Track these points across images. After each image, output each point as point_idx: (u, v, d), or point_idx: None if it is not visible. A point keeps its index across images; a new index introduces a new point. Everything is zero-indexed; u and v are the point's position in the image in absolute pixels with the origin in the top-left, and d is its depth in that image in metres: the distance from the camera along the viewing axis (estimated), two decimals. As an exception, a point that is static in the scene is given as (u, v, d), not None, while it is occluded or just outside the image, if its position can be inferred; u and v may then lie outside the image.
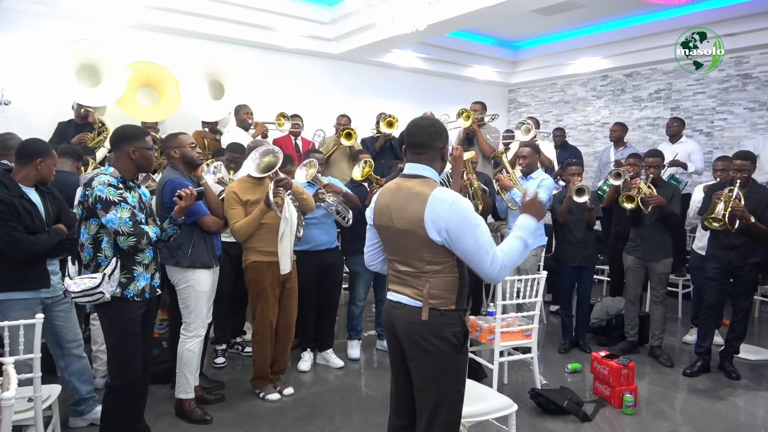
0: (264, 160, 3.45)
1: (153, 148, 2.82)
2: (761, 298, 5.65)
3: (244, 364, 4.26)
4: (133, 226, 2.59)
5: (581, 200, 4.35)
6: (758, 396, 3.82)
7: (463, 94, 8.36)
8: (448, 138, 2.15)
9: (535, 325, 3.73)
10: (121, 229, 2.55)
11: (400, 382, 2.20)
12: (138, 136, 2.74)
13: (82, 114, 5.02)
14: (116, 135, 2.77)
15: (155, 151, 4.81)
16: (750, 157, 3.99)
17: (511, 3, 5.11)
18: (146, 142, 2.75)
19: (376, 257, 2.30)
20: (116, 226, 2.54)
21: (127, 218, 2.56)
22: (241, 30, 6.24)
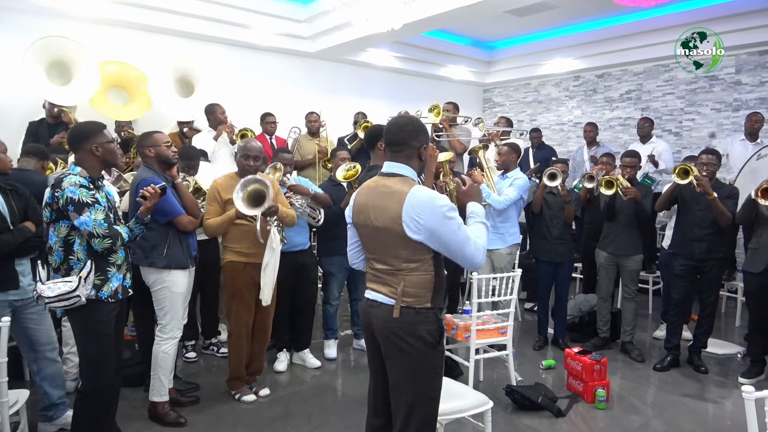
0: (248, 189, 3.32)
1: (115, 140, 2.76)
2: (727, 294, 5.81)
3: (220, 365, 4.21)
4: (109, 228, 2.53)
5: (553, 184, 4.40)
6: (726, 389, 3.93)
7: (439, 94, 8.38)
8: (427, 137, 2.16)
9: (510, 322, 3.78)
10: (97, 231, 2.49)
11: (378, 381, 2.20)
12: (96, 132, 2.64)
13: (54, 113, 4.86)
14: (74, 134, 2.69)
15: (132, 149, 4.81)
16: (716, 153, 4.19)
17: (485, 3, 5.16)
18: (106, 136, 2.67)
19: (358, 255, 2.31)
20: (91, 228, 2.48)
21: (102, 220, 2.51)
22: (216, 27, 6.16)
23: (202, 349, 4.49)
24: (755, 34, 6.24)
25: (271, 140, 5.82)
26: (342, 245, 2.49)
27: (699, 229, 4.12)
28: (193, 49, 6.13)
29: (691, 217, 4.18)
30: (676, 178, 4.05)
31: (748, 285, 4.13)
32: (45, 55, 4.86)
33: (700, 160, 4.16)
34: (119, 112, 5.36)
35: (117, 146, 2.82)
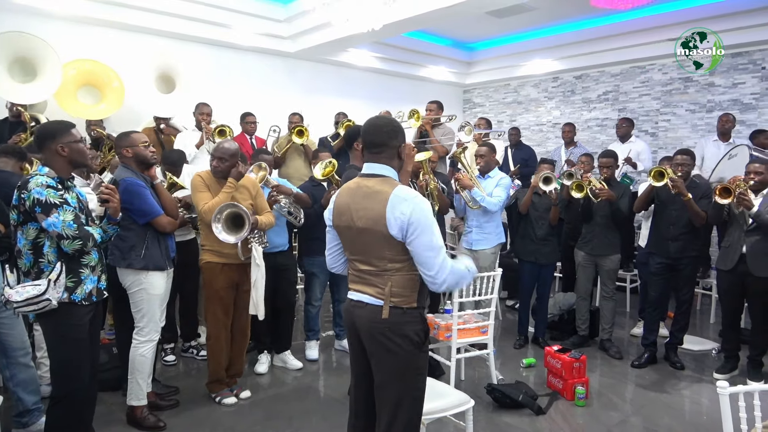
0: (224, 215, 3.30)
1: (82, 139, 2.69)
2: (702, 291, 5.92)
3: (199, 368, 4.17)
4: (78, 229, 2.48)
5: (548, 188, 4.44)
6: (702, 385, 4.01)
7: (419, 94, 8.43)
8: (404, 137, 2.16)
9: (491, 321, 3.80)
10: (65, 233, 2.44)
11: (360, 382, 2.20)
12: (62, 131, 2.58)
13: (14, 112, 4.71)
14: (39, 135, 2.62)
15: (104, 148, 4.73)
16: (690, 153, 4.29)
17: (465, 4, 5.18)
18: (73, 135, 2.60)
19: (337, 259, 2.30)
20: (59, 229, 2.43)
21: (71, 221, 2.45)
22: (195, 27, 6.09)
23: (182, 351, 4.44)
24: (728, 36, 6.37)
25: (251, 140, 5.77)
26: (323, 245, 2.48)
27: (675, 229, 4.20)
28: (173, 48, 6.05)
29: (667, 217, 4.26)
30: (652, 181, 4.13)
31: (720, 282, 4.22)
32: (8, 52, 4.72)
33: (675, 161, 4.25)
34: (89, 111, 5.26)
35: (87, 146, 2.76)
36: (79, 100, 5.33)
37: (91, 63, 5.43)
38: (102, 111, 5.35)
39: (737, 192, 3.74)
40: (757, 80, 6.53)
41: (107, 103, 5.41)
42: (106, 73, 5.46)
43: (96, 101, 5.45)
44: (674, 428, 3.37)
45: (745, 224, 3.89)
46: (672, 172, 4.08)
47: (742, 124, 6.40)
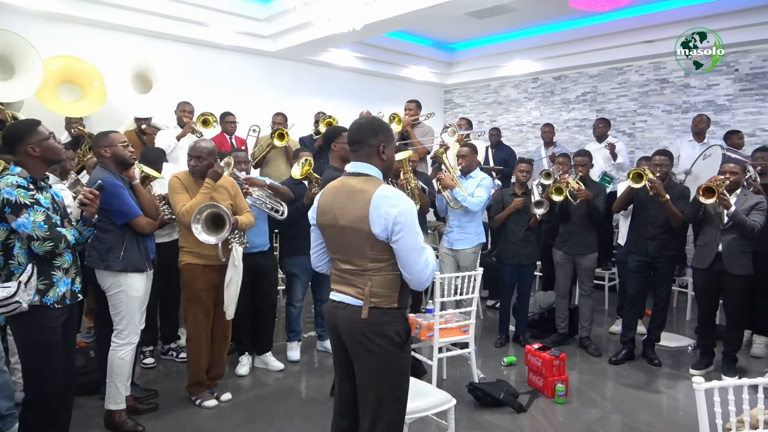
0: (204, 215, 3.26)
1: (52, 134, 2.62)
2: (678, 289, 6.03)
3: (179, 371, 4.12)
4: (49, 230, 2.42)
5: (540, 212, 4.49)
6: (678, 381, 4.08)
7: (400, 94, 8.43)
8: (388, 137, 2.14)
9: (472, 320, 3.83)
10: (36, 234, 2.38)
11: (343, 382, 2.19)
12: (29, 131, 2.52)
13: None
14: (6, 138, 2.54)
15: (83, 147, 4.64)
16: (668, 154, 4.36)
17: (445, 5, 5.20)
18: (41, 134, 2.54)
19: (321, 258, 2.30)
20: (29, 230, 2.38)
21: (41, 221, 2.40)
22: (174, 25, 6.01)
23: (161, 354, 4.38)
24: (703, 39, 6.51)
25: (231, 140, 5.72)
26: (305, 244, 2.48)
27: (653, 228, 4.28)
28: (152, 46, 5.98)
29: (645, 217, 4.33)
30: (631, 182, 4.19)
31: (696, 280, 4.31)
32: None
33: (653, 161, 4.32)
34: (70, 108, 5.16)
35: (59, 142, 2.71)
36: (60, 97, 5.22)
37: (74, 60, 5.32)
38: (83, 108, 5.25)
39: (720, 191, 3.81)
40: (731, 82, 6.68)
41: (88, 101, 5.31)
42: (89, 71, 5.36)
43: (77, 98, 5.33)
44: (652, 424, 3.42)
45: (721, 223, 3.97)
46: (650, 173, 4.15)
47: (716, 124, 6.53)
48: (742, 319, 4.21)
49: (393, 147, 2.19)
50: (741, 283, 3.97)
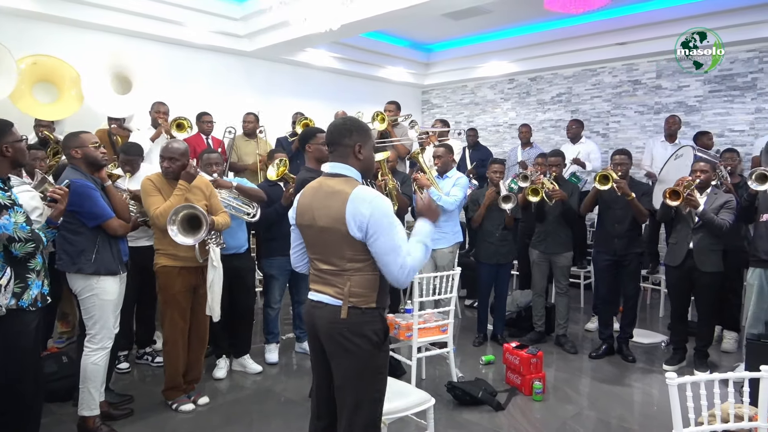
0: (180, 216, 3.22)
1: (24, 137, 2.59)
2: (651, 287, 6.15)
3: (155, 375, 4.06)
4: (31, 231, 2.38)
5: (507, 207, 4.53)
6: (652, 376, 4.16)
7: (378, 95, 8.44)
8: (364, 137, 2.13)
9: (451, 320, 3.85)
10: (18, 235, 2.33)
11: (321, 383, 2.19)
12: (5, 131, 2.48)
13: None
14: None
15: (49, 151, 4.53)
16: (627, 153, 4.48)
17: (422, 6, 5.22)
18: (15, 134, 2.52)
19: (301, 258, 2.29)
20: (11, 232, 2.32)
21: (23, 223, 2.36)
22: (149, 24, 5.92)
23: (136, 358, 4.31)
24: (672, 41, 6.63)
25: (208, 140, 5.65)
26: (282, 246, 2.46)
27: (619, 227, 4.36)
28: (126, 46, 5.87)
29: (611, 216, 4.41)
30: (598, 185, 4.27)
31: (668, 277, 4.40)
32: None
33: (613, 161, 4.43)
34: (45, 111, 5.00)
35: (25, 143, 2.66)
36: (35, 97, 5.06)
37: (53, 60, 5.16)
38: (59, 111, 5.10)
39: (685, 194, 3.90)
40: (701, 83, 6.84)
41: (64, 103, 5.15)
42: (69, 73, 5.20)
43: (53, 100, 5.17)
44: (626, 419, 3.48)
45: (692, 222, 4.07)
46: (615, 174, 4.21)
47: (687, 125, 6.68)
48: (713, 315, 4.31)
49: (370, 147, 2.17)
50: (711, 280, 4.07)
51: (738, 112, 6.57)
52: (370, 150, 2.16)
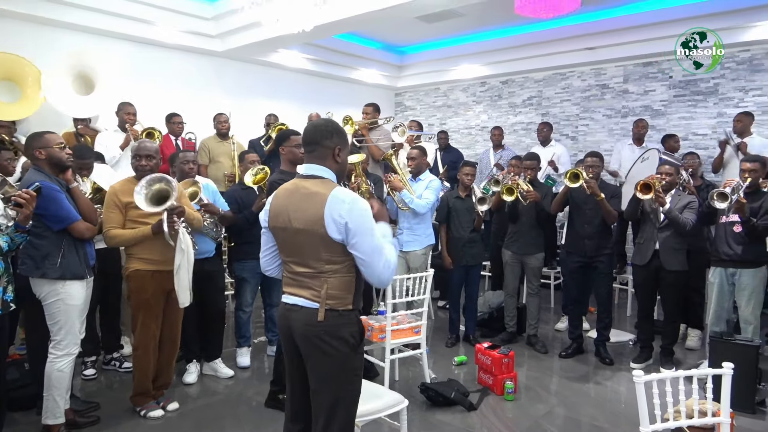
0: (153, 188, 3.17)
1: None
2: (619, 286, 6.28)
3: (123, 381, 3.97)
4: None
5: (483, 208, 4.58)
6: (620, 374, 4.25)
7: (351, 97, 8.44)
8: (344, 140, 2.14)
9: (424, 321, 3.86)
10: None
11: (295, 386, 2.17)
12: None
13: None
14: None
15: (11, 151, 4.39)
16: (599, 155, 4.54)
17: (395, 8, 5.24)
18: None
19: (272, 262, 2.27)
20: None
21: None
22: (116, 22, 5.79)
23: (103, 364, 4.20)
24: (639, 47, 6.82)
25: (177, 142, 5.56)
26: (254, 249, 2.43)
27: (589, 227, 4.44)
28: (92, 44, 5.73)
29: (581, 217, 4.49)
30: (568, 182, 4.33)
31: (636, 277, 4.51)
32: None
33: (585, 163, 4.50)
34: (6, 110, 4.81)
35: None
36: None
37: (15, 57, 4.98)
38: (19, 111, 4.92)
39: (655, 189, 3.99)
40: (666, 88, 7.02)
41: (27, 103, 4.97)
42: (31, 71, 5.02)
43: (15, 99, 4.99)
44: (596, 416, 3.55)
45: (657, 221, 4.17)
46: (585, 174, 4.30)
47: (653, 128, 6.86)
48: (678, 314, 4.43)
49: (347, 151, 2.19)
50: (677, 279, 4.18)
51: (701, 116, 6.77)
52: (346, 154, 2.18)
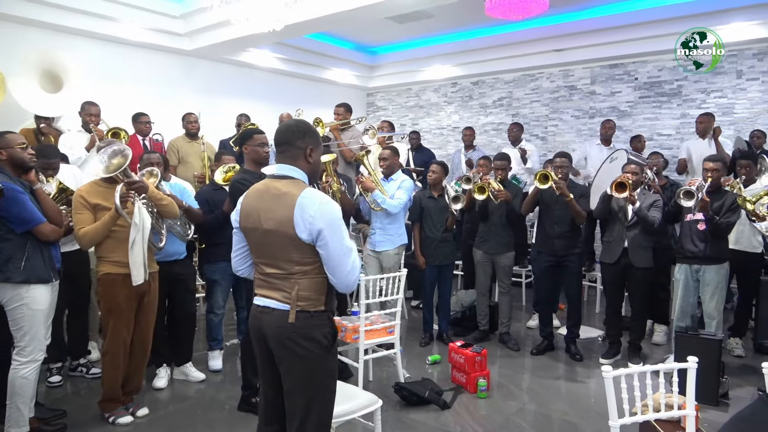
0: (113, 161, 3.11)
1: None
2: (588, 284, 6.41)
3: (90, 387, 3.87)
4: None
5: (457, 206, 4.62)
6: (589, 370, 4.33)
7: (323, 97, 8.42)
8: (315, 141, 2.13)
9: (397, 321, 3.87)
10: None
11: (269, 388, 2.15)
12: None
13: None
14: None
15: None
16: (567, 156, 4.63)
17: (365, 9, 5.24)
18: None
19: (243, 262, 2.25)
20: None
21: None
22: (80, 19, 5.64)
23: (69, 371, 4.09)
24: (605, 50, 6.98)
25: (144, 142, 5.45)
26: (225, 250, 2.40)
27: (558, 227, 4.51)
28: (57, 42, 5.57)
29: (551, 217, 4.56)
30: (538, 183, 4.39)
31: (604, 274, 4.60)
32: None
33: (554, 164, 4.57)
34: None
35: None
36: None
37: None
38: None
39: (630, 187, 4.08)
40: (632, 89, 7.20)
41: None
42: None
43: None
44: (566, 412, 3.61)
45: (625, 220, 4.27)
46: (554, 176, 4.37)
47: (619, 129, 7.01)
48: (645, 310, 4.54)
49: (320, 152, 2.18)
50: (644, 275, 4.29)
51: (665, 117, 6.96)
52: (319, 155, 2.17)
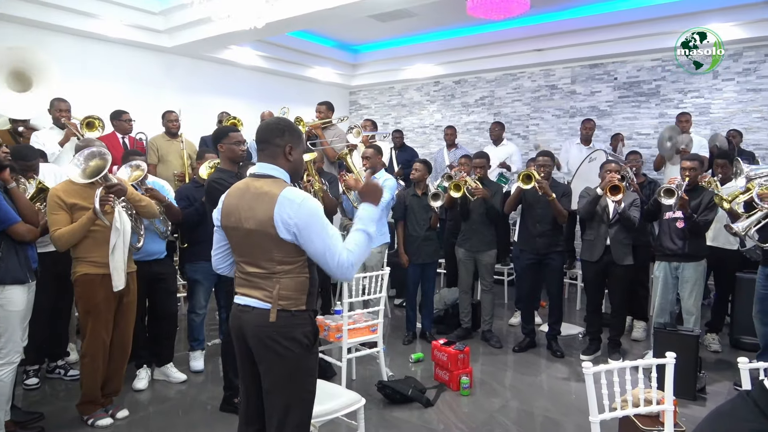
0: (90, 164, 3.04)
1: None
2: (569, 281, 6.48)
3: (68, 389, 3.81)
4: None
5: (437, 204, 4.62)
6: (571, 366, 4.38)
7: (305, 95, 8.38)
8: (296, 139, 2.11)
9: (380, 319, 3.87)
10: None
11: (249, 388, 2.14)
12: None
13: None
14: None
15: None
16: (550, 155, 4.67)
17: (347, 7, 5.22)
18: None
19: (223, 260, 2.23)
20: None
21: None
22: (57, 15, 5.54)
23: (47, 373, 4.02)
24: (586, 49, 7.05)
25: (124, 140, 5.36)
26: (207, 250, 2.38)
27: (540, 226, 4.56)
28: (32, 38, 5.46)
29: (533, 216, 4.61)
30: (521, 184, 4.43)
31: (585, 272, 4.66)
32: None
33: (537, 162, 4.61)
34: None
35: None
36: None
37: None
38: None
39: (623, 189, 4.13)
40: (611, 89, 7.28)
41: None
42: None
43: None
44: (548, 408, 3.65)
45: (607, 218, 4.33)
46: (537, 175, 4.41)
47: (599, 128, 7.09)
48: (625, 306, 4.61)
49: (301, 150, 2.15)
50: (625, 273, 4.35)
51: (644, 116, 7.06)
52: (300, 153, 2.14)
